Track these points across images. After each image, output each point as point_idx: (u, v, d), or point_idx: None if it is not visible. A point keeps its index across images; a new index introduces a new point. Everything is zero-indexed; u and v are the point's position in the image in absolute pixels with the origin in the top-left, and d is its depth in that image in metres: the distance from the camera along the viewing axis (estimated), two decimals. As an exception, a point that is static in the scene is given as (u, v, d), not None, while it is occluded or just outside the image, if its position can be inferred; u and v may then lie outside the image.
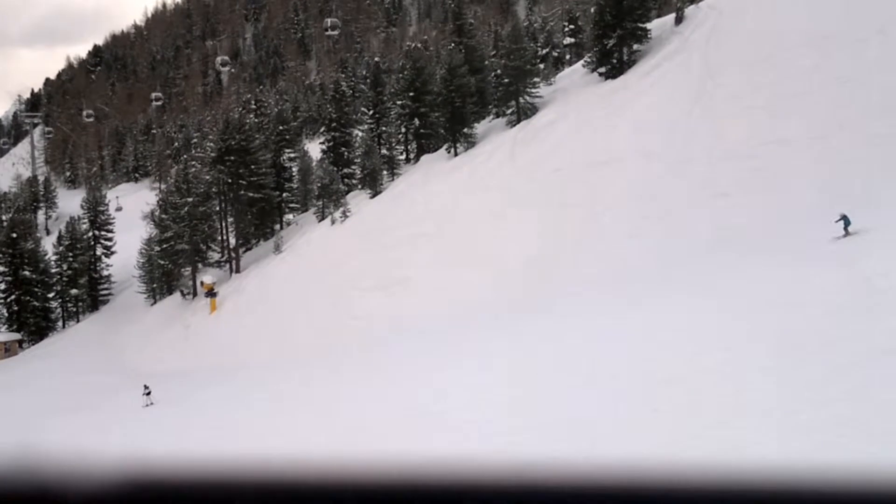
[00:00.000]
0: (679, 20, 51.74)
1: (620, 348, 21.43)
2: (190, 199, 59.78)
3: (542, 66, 65.66)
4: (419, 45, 68.93)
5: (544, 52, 75.91)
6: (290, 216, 67.76)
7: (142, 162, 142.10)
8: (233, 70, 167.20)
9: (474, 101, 55.50)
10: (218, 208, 61.80)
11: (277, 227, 66.15)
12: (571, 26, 68.86)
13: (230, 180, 59.34)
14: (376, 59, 72.17)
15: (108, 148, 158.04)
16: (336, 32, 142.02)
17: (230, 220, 61.88)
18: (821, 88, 41.57)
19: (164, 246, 60.97)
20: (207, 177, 61.12)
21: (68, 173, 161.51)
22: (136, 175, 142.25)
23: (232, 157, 59.36)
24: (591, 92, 51.60)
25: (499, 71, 53.42)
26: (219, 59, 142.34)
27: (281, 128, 67.62)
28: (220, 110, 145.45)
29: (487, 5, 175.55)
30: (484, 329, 34.64)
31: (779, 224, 33.02)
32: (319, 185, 60.59)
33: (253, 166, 60.15)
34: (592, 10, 51.57)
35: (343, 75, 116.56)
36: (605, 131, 47.61)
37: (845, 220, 25.32)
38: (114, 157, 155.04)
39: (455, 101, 53.60)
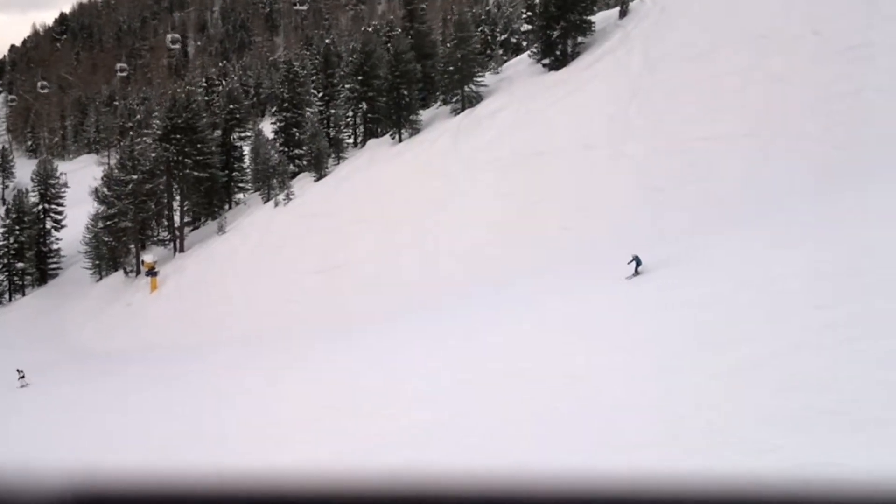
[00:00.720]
0: (623, 14, 51.96)
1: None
2: (135, 177, 59.37)
3: (500, 51, 65.66)
4: (369, 29, 68.51)
5: (502, 37, 75.90)
6: (241, 196, 67.46)
7: (103, 134, 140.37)
8: (198, 43, 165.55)
9: (421, 88, 55.51)
10: (163, 186, 61.33)
11: (227, 206, 65.90)
12: (529, 13, 68.73)
13: (176, 158, 58.96)
14: (327, 40, 71.77)
15: (70, 118, 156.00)
16: (304, 7, 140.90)
17: (176, 198, 61.50)
18: (755, 86, 42.10)
19: (108, 223, 60.52)
20: (153, 154, 60.63)
21: (30, 143, 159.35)
22: (97, 147, 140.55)
23: (178, 136, 58.98)
24: (534, 83, 51.79)
25: (444, 59, 53.41)
26: (169, 36, 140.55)
27: (231, 106, 67.16)
28: (182, 84, 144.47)
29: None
30: (413, 319, 35.17)
31: (695, 226, 33.57)
32: (263, 165, 60.50)
33: (199, 145, 59.79)
34: (538, 0, 51.53)
35: (308, 52, 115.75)
36: (546, 122, 47.87)
37: (637, 260, 26.64)
38: (76, 128, 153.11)
39: (400, 87, 53.55)
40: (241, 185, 66.57)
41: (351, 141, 61.07)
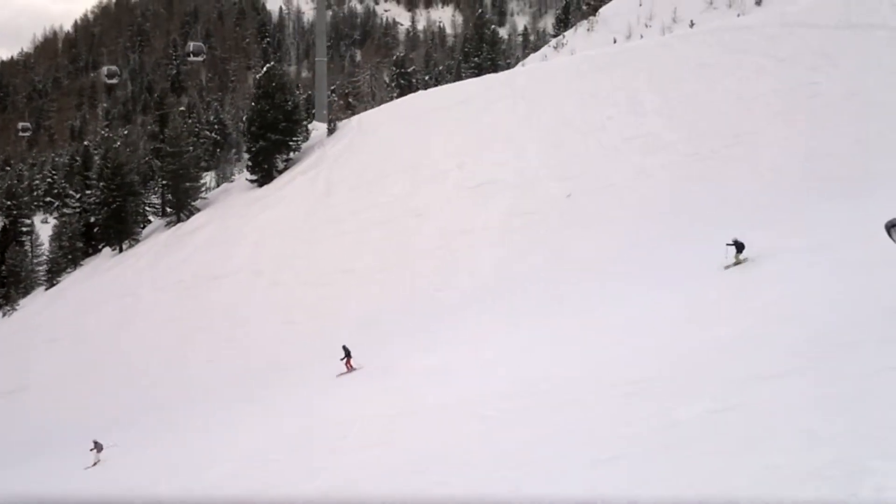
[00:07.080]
0: (331, 132, 52.20)
1: None
2: None
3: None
4: (112, 136, 68.68)
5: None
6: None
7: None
8: (104, 105, 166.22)
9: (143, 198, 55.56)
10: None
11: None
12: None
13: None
14: (86, 142, 71.89)
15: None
16: (201, 58, 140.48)
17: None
18: (398, 220, 42.36)
19: None
20: None
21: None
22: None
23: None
24: (239, 198, 51.93)
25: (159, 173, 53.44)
26: (20, 125, 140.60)
27: (10, 202, 66.92)
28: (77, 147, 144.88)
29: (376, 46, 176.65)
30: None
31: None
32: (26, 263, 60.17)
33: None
34: (244, 118, 51.77)
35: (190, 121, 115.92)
36: (232, 243, 47.85)
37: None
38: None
39: (116, 200, 53.35)
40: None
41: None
